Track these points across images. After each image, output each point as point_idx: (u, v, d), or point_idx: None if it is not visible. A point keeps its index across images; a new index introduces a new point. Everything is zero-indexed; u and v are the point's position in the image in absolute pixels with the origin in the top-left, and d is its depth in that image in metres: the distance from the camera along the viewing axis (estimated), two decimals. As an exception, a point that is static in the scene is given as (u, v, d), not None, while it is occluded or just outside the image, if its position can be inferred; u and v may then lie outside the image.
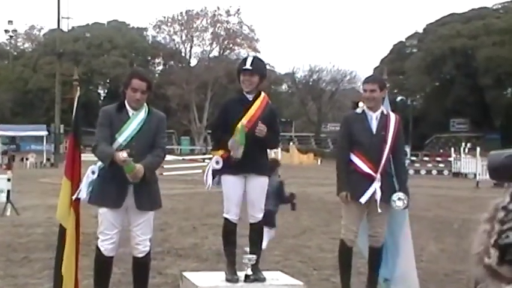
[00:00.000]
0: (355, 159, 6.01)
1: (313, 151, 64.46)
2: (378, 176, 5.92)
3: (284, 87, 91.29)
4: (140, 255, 5.39)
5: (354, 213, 6.05)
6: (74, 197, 5.28)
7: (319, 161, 55.54)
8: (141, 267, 5.45)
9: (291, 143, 64.43)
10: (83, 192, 5.28)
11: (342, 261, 6.15)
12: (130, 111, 5.31)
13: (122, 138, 5.24)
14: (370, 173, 5.93)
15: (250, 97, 6.35)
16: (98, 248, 5.32)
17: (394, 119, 6.08)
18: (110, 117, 5.27)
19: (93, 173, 5.27)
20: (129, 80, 5.27)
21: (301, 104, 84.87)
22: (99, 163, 5.28)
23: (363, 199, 5.92)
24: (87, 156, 6.66)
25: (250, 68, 6.30)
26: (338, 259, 6.24)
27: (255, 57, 6.49)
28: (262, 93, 6.46)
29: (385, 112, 6.11)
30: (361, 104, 6.20)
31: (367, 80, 6.18)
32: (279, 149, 30.75)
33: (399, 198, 5.90)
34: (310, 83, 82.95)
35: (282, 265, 7.74)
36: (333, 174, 6.38)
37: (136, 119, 5.30)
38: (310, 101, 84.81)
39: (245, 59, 6.45)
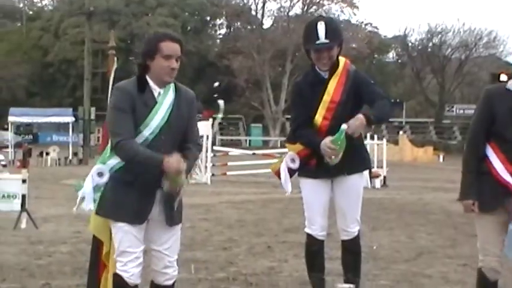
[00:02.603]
0: (492, 156, 5.73)
1: (432, 143, 63.68)
2: None
3: (392, 55, 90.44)
4: (169, 283, 5.36)
5: (492, 229, 5.77)
6: (74, 208, 5.33)
7: (441, 157, 54.85)
8: None
9: (401, 133, 63.81)
10: (88, 201, 5.23)
11: None
12: (156, 91, 5.14)
13: (148, 131, 5.09)
14: (510, 182, 5.66)
15: (325, 74, 6.33)
16: (118, 276, 5.19)
17: None
18: (132, 100, 5.07)
19: (100, 175, 5.17)
20: (155, 46, 5.06)
21: (416, 79, 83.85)
22: (112, 162, 5.16)
23: None
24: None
25: (326, 41, 6.24)
26: None
27: (326, 22, 6.36)
28: (341, 62, 6.41)
29: None
30: (504, 77, 5.99)
31: None
32: (384, 140, 30.39)
33: None
34: (429, 50, 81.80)
35: (389, 300, 7.69)
36: (460, 175, 6.21)
37: (165, 103, 5.13)
38: (429, 74, 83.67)
39: (314, 27, 6.31)
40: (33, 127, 64.21)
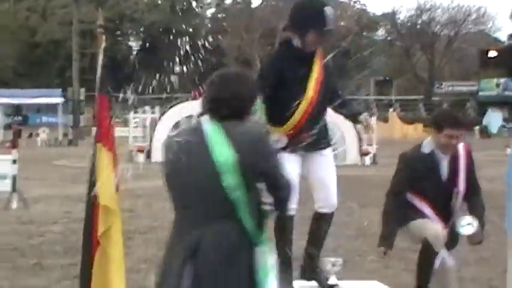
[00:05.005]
0: (419, 204, 6.47)
1: (422, 120, 63.55)
2: None
3: (381, 32, 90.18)
4: None
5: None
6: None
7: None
8: None
9: (391, 110, 63.80)
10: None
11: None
12: None
13: None
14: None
15: (308, 54, 6.28)
16: None
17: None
18: None
19: None
20: None
21: (405, 56, 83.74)
22: None
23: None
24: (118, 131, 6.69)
25: (333, 28, 6.30)
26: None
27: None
28: None
29: None
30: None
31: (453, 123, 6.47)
32: (374, 117, 30.30)
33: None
34: (418, 26, 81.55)
35: (380, 275, 7.73)
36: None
37: None
38: (418, 50, 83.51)
39: (322, 12, 6.13)
40: (22, 108, 63.96)
